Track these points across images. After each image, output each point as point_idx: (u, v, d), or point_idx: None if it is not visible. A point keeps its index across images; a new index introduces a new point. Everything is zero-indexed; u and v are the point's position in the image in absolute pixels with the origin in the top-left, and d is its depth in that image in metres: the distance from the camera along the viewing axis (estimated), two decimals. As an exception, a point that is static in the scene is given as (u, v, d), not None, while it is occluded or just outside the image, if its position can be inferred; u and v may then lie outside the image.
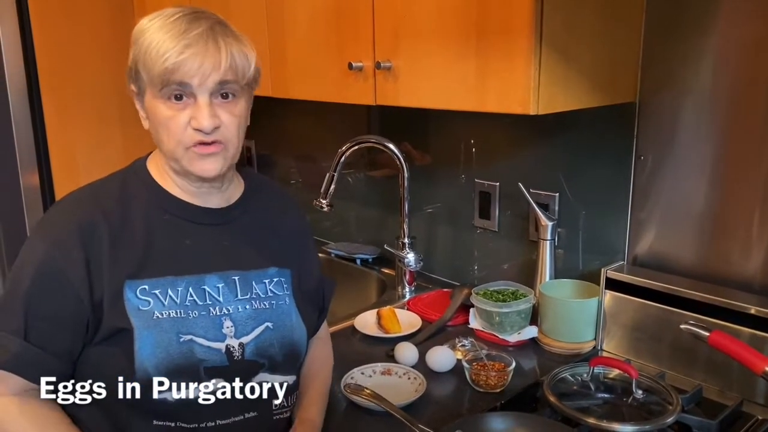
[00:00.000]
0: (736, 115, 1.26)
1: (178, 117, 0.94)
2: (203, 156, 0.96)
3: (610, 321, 1.41)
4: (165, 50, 0.90)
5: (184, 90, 0.93)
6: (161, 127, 0.95)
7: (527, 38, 1.12)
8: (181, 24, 0.92)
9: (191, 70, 0.91)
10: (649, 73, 1.35)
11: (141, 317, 0.95)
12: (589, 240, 1.53)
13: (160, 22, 0.93)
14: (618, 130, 1.41)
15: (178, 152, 0.96)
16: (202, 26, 0.93)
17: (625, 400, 1.19)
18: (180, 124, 0.94)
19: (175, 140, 0.95)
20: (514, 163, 1.66)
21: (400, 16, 1.34)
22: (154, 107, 0.95)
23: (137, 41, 0.94)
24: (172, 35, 0.91)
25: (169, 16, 0.94)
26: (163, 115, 0.94)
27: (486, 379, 1.27)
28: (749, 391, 1.21)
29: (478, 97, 1.22)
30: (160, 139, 0.98)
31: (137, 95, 0.98)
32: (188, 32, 0.91)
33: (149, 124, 0.99)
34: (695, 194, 1.33)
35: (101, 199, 1.00)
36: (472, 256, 1.81)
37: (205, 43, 0.92)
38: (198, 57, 0.91)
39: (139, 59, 0.94)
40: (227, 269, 1.03)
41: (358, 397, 1.18)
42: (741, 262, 1.29)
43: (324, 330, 1.25)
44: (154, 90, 0.93)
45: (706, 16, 1.26)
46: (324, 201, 1.77)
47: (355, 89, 1.46)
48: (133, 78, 0.97)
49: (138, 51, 0.94)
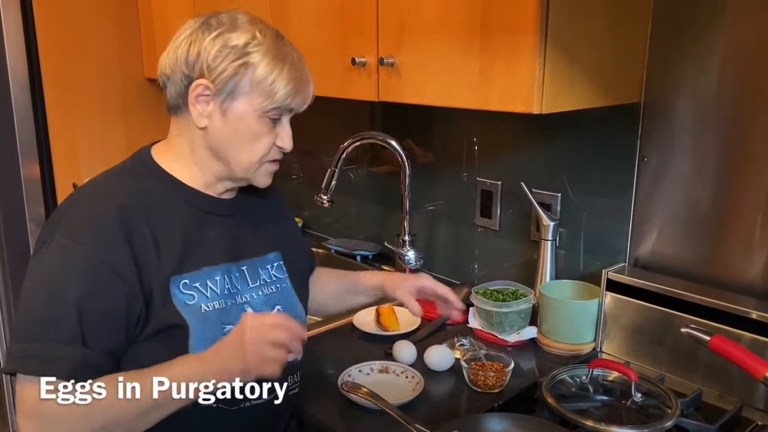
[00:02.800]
0: (741, 119, 1.24)
1: (269, 135, 1.01)
2: (271, 173, 1.06)
3: (610, 323, 1.41)
4: (290, 78, 0.97)
5: (283, 113, 1.01)
6: (249, 139, 1.00)
7: (532, 36, 1.11)
8: (293, 53, 1.00)
9: (300, 102, 1.01)
10: (654, 74, 1.34)
11: (191, 312, 0.97)
12: (591, 241, 1.52)
13: (271, 43, 0.98)
14: (622, 131, 1.40)
15: (254, 167, 1.02)
16: (303, 60, 1.02)
17: (624, 403, 1.18)
18: (270, 142, 1.01)
19: (259, 155, 1.01)
20: (516, 162, 1.65)
21: (404, 12, 1.32)
22: (247, 119, 0.98)
23: (246, 53, 0.96)
24: (292, 64, 0.98)
25: (276, 37, 1.00)
26: (256, 130, 0.99)
27: (484, 380, 1.26)
28: (749, 395, 1.21)
29: (482, 95, 1.21)
30: (239, 150, 1.00)
31: (212, 96, 0.97)
32: (300, 63, 1.00)
33: (214, 126, 0.99)
34: (698, 197, 1.32)
35: (127, 194, 0.99)
36: (473, 254, 1.80)
37: (308, 77, 1.02)
38: (307, 91, 1.01)
39: (248, 73, 0.96)
40: (239, 259, 1.07)
41: (355, 395, 1.17)
42: (743, 266, 1.28)
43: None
44: (259, 105, 0.97)
45: (714, 17, 1.24)
46: (325, 197, 1.77)
47: (357, 85, 1.45)
48: (222, 81, 0.96)
49: (245, 62, 0.95)
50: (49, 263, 0.92)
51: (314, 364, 1.32)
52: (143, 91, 2.33)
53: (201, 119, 0.99)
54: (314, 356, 1.36)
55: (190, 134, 1.02)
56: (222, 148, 1.01)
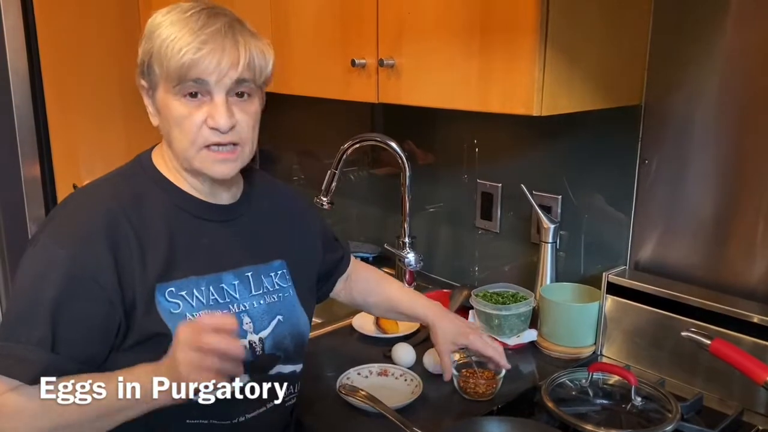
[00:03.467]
0: (743, 121, 1.24)
1: (193, 115, 0.92)
2: (220, 161, 0.95)
3: (610, 326, 1.40)
4: (182, 46, 0.88)
5: (201, 87, 0.91)
6: (174, 124, 0.93)
7: (532, 38, 1.11)
8: (198, 19, 0.90)
9: (209, 67, 0.89)
10: (655, 75, 1.33)
11: (175, 321, 0.93)
12: (592, 243, 1.51)
13: (175, 17, 0.91)
14: (623, 134, 1.39)
15: (191, 152, 0.94)
16: (220, 22, 0.90)
17: (624, 406, 1.17)
18: (195, 123, 0.92)
19: (189, 139, 0.93)
20: (517, 164, 1.64)
21: (404, 13, 1.32)
22: (168, 104, 0.92)
23: (151, 35, 0.92)
24: (189, 30, 0.89)
25: (185, 10, 0.91)
26: (177, 113, 0.92)
27: (474, 387, 1.24)
28: (750, 400, 1.20)
29: (481, 97, 1.21)
30: (171, 138, 0.95)
31: (147, 90, 0.96)
32: (206, 28, 0.89)
33: (159, 121, 0.97)
34: (699, 200, 1.31)
35: (118, 199, 0.96)
36: (473, 257, 1.79)
37: (222, 40, 0.89)
38: (216, 53, 0.89)
39: (153, 53, 0.91)
40: (241, 266, 1.04)
41: (353, 398, 1.17)
42: (744, 269, 1.27)
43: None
44: (169, 86, 0.91)
45: (715, 18, 1.24)
46: (325, 198, 1.76)
47: (357, 86, 1.45)
48: (145, 73, 0.94)
49: (152, 45, 0.91)
50: (32, 263, 0.91)
51: (313, 366, 1.32)
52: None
53: (152, 118, 0.98)
54: (313, 358, 1.35)
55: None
56: (168, 141, 0.98)
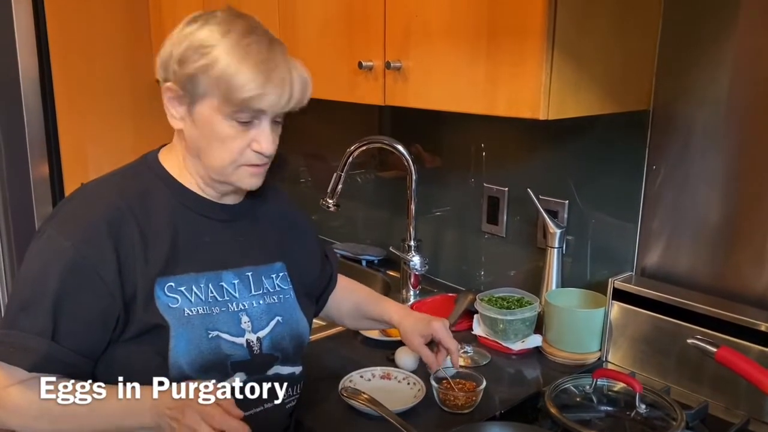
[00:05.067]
0: (752, 127, 1.23)
1: (240, 138, 0.96)
2: (255, 175, 1.00)
3: (616, 332, 1.39)
4: (247, 80, 0.91)
5: (255, 116, 0.95)
6: (217, 141, 0.96)
7: (539, 42, 1.10)
8: (259, 51, 0.93)
9: (270, 101, 0.93)
10: (664, 81, 1.32)
11: (173, 315, 0.96)
12: (598, 249, 1.50)
13: (234, 42, 0.92)
14: (631, 139, 1.39)
15: (229, 169, 0.99)
16: (277, 54, 0.94)
17: (628, 414, 1.16)
18: (241, 146, 0.97)
19: (231, 158, 0.97)
20: (524, 169, 1.64)
21: (411, 16, 1.32)
22: (213, 121, 0.95)
23: (204, 53, 0.92)
24: (253, 63, 0.91)
25: (242, 34, 0.93)
26: (224, 133, 0.95)
27: (453, 399, 1.20)
28: (756, 409, 1.18)
29: (488, 100, 1.21)
30: (207, 151, 0.98)
31: (181, 97, 0.96)
32: (269, 62, 0.93)
33: (190, 130, 0.98)
34: (707, 207, 1.30)
35: (123, 195, 0.99)
36: (479, 261, 1.79)
37: (282, 77, 0.94)
38: (277, 90, 0.93)
39: (210, 74, 0.92)
40: (241, 265, 1.06)
41: (355, 402, 1.16)
42: (753, 277, 1.26)
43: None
44: (222, 108, 0.94)
45: (724, 24, 1.23)
46: (330, 201, 1.76)
47: (364, 89, 1.45)
48: (186, 82, 0.94)
49: (205, 64, 0.92)
50: (37, 253, 0.94)
51: (315, 368, 1.31)
52: (153, 92, 2.31)
53: (174, 121, 1.00)
54: (316, 360, 1.35)
55: (178, 138, 1.04)
56: (197, 150, 1.00)
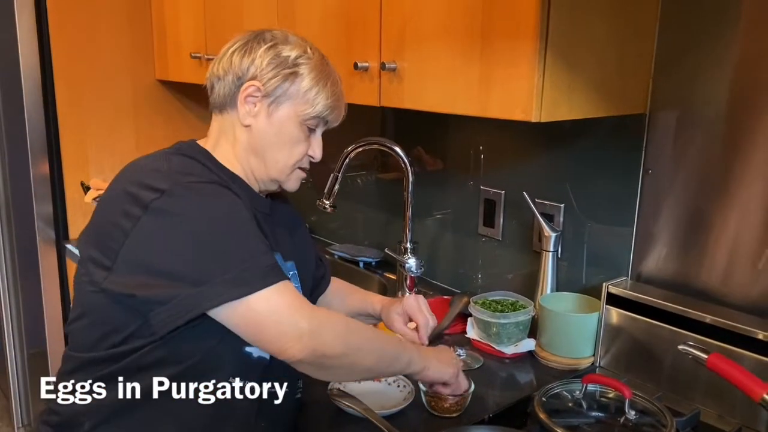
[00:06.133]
0: (749, 132, 1.21)
1: (304, 144, 1.10)
2: (301, 179, 1.14)
3: (610, 338, 1.37)
4: (328, 95, 1.08)
5: (319, 124, 1.10)
6: (288, 142, 1.08)
7: (532, 44, 1.09)
8: (335, 73, 1.12)
9: (337, 117, 1.13)
10: (660, 84, 1.31)
11: None
12: (594, 253, 1.49)
13: (318, 61, 1.09)
14: (626, 143, 1.37)
15: (287, 170, 1.10)
16: (339, 78, 1.13)
17: (618, 420, 1.15)
18: (303, 151, 1.11)
19: (294, 160, 1.10)
20: (520, 172, 1.63)
21: (406, 18, 1.32)
22: (290, 124, 1.07)
23: (296, 64, 1.06)
24: (334, 81, 1.10)
25: (322, 57, 1.11)
26: (295, 136, 1.08)
27: (442, 403, 1.19)
28: (750, 417, 1.17)
29: (481, 102, 1.20)
30: (277, 151, 1.08)
31: (262, 97, 1.06)
32: (339, 85, 1.12)
33: (261, 126, 1.07)
34: (703, 211, 1.29)
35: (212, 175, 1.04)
36: (476, 264, 1.78)
37: (344, 98, 1.14)
38: (343, 107, 1.14)
39: (297, 82, 1.06)
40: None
41: (342, 403, 1.16)
42: (749, 283, 1.24)
43: None
44: (303, 113, 1.07)
45: (723, 28, 1.21)
46: (327, 201, 1.76)
47: (360, 90, 1.45)
48: (273, 84, 1.05)
49: (296, 72, 1.06)
50: (213, 201, 0.95)
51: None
52: (154, 92, 2.35)
53: (247, 117, 1.06)
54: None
55: (233, 132, 1.09)
56: (262, 148, 1.08)
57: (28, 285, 2.38)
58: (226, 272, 0.89)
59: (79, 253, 1.06)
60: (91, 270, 0.96)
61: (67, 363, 1.03)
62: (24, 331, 2.50)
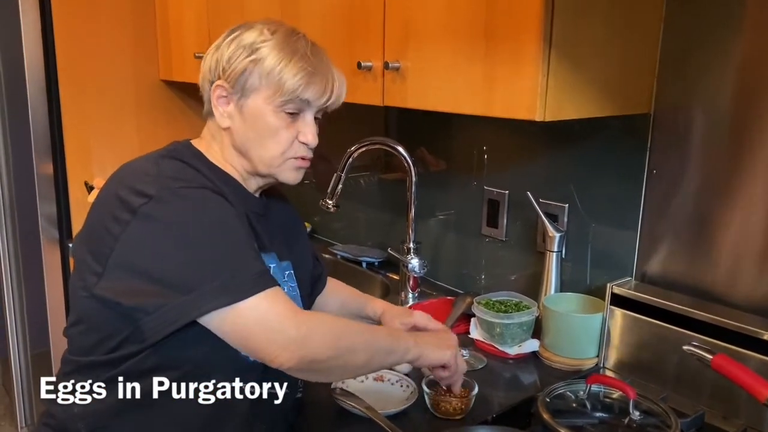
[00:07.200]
0: (754, 132, 1.20)
1: (288, 130, 1.03)
2: (299, 168, 1.08)
3: (614, 338, 1.37)
4: (297, 70, 1.00)
5: (302, 107, 1.03)
6: (268, 134, 1.03)
7: (536, 43, 1.09)
8: (306, 47, 1.02)
9: (317, 91, 1.02)
10: (665, 84, 1.30)
11: None
12: (598, 254, 1.48)
13: (282, 38, 1.01)
14: (631, 143, 1.37)
15: (277, 161, 1.05)
16: (322, 54, 1.05)
17: (622, 420, 1.14)
18: (289, 137, 1.04)
19: (281, 150, 1.04)
20: (524, 172, 1.62)
21: (410, 17, 1.32)
22: (264, 114, 1.01)
23: (255, 49, 1.00)
24: (302, 55, 1.01)
25: (289, 34, 1.03)
26: (273, 124, 1.02)
27: (446, 404, 1.19)
28: (755, 418, 1.16)
29: (485, 101, 1.20)
30: (257, 144, 1.03)
31: (229, 96, 1.02)
32: (314, 56, 1.02)
33: (237, 125, 1.03)
34: (709, 212, 1.28)
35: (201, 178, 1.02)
36: (479, 264, 1.77)
37: (327, 70, 1.04)
38: (323, 80, 1.02)
39: (259, 67, 0.99)
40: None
41: (345, 403, 1.16)
42: (755, 284, 1.24)
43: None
44: (272, 99, 1.00)
45: (728, 27, 1.21)
46: (330, 201, 1.75)
47: (363, 89, 1.44)
48: (236, 78, 1.01)
49: (256, 58, 1.00)
50: (202, 208, 0.94)
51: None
52: (157, 92, 2.35)
53: (223, 120, 1.04)
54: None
55: (219, 135, 1.07)
56: (244, 147, 1.04)
57: (31, 285, 2.38)
58: (215, 280, 0.88)
59: (74, 257, 1.05)
60: (84, 275, 0.95)
61: (66, 366, 1.02)
62: (27, 331, 2.50)
